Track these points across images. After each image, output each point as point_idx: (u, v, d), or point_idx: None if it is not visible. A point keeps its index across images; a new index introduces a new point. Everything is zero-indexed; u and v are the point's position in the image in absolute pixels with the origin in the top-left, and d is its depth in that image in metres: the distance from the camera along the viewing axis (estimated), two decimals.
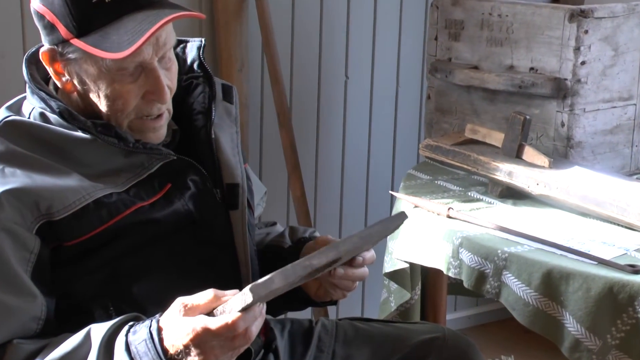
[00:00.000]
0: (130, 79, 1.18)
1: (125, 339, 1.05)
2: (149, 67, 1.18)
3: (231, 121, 1.36)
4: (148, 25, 1.13)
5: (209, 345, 1.01)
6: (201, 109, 1.31)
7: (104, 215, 1.16)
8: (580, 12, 1.74)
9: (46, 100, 1.19)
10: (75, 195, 1.14)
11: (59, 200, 1.13)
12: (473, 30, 1.94)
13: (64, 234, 1.14)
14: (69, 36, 1.15)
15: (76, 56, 1.16)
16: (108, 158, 1.19)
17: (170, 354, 1.03)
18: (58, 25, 1.15)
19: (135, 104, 1.20)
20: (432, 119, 2.07)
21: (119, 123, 1.20)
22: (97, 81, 1.17)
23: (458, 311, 2.71)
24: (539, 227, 1.55)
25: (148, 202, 1.19)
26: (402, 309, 1.85)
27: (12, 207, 1.11)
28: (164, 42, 1.19)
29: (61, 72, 1.19)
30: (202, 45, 1.33)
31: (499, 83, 1.86)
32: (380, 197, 2.46)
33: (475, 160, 1.75)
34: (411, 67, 2.44)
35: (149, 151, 1.21)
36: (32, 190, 1.12)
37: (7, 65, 1.89)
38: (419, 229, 1.65)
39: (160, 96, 1.19)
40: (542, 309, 1.41)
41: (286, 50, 2.23)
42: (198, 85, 1.33)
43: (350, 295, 2.16)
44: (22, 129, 1.18)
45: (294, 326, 1.46)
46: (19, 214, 1.11)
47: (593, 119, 1.82)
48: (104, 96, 1.18)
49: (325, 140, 2.36)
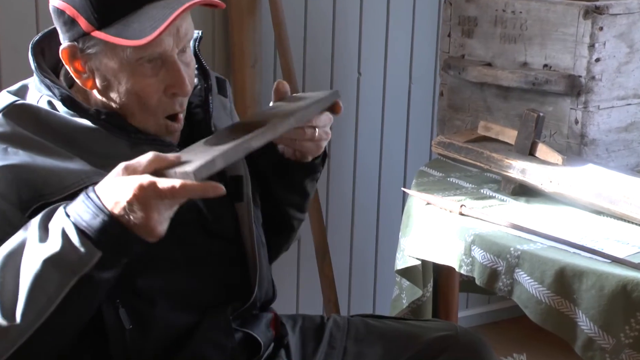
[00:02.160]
0: (150, 72, 1.17)
1: (63, 211, 1.05)
2: (170, 60, 1.18)
3: (226, 114, 1.36)
4: (170, 11, 1.13)
5: (154, 203, 1.00)
6: (198, 102, 1.31)
7: None
8: (595, 8, 1.73)
9: (50, 87, 1.19)
10: (74, 177, 1.13)
11: (57, 182, 1.12)
12: (486, 26, 1.94)
13: None
14: (90, 29, 1.15)
15: (97, 50, 1.16)
16: (112, 147, 1.19)
17: (112, 211, 1.02)
18: (79, 19, 1.15)
19: (159, 99, 1.19)
20: (445, 116, 2.06)
21: (145, 121, 1.20)
22: (117, 75, 1.17)
23: (470, 309, 2.70)
24: (552, 225, 1.54)
25: None
26: (414, 306, 1.84)
27: (8, 182, 1.11)
28: (184, 33, 1.18)
29: (81, 69, 1.19)
30: (198, 37, 1.32)
31: (513, 80, 1.85)
32: (393, 193, 2.45)
33: (488, 158, 1.74)
34: (424, 64, 2.44)
35: (151, 142, 1.21)
36: (31, 169, 1.12)
37: (21, 60, 1.90)
38: (431, 226, 1.64)
39: (181, 88, 1.19)
40: (554, 307, 1.40)
41: (299, 47, 2.23)
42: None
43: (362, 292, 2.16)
44: (30, 113, 1.18)
45: (306, 322, 1.46)
46: (14, 191, 1.11)
47: (607, 117, 1.81)
48: (125, 90, 1.18)
49: (338, 137, 2.36)
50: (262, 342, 1.29)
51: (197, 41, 1.31)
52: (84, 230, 1.03)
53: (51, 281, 1.04)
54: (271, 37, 2.15)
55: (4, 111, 1.17)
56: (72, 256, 1.03)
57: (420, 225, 1.68)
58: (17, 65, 1.89)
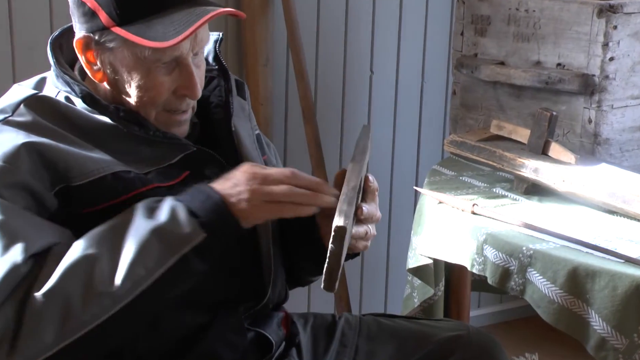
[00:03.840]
0: (164, 71, 1.19)
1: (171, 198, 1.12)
2: (184, 63, 1.19)
3: (245, 117, 1.37)
4: (195, 17, 1.14)
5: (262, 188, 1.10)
6: (219, 102, 1.31)
7: (119, 189, 1.16)
8: (609, 7, 1.72)
9: (70, 84, 1.20)
10: (95, 165, 1.15)
11: (78, 167, 1.14)
12: (500, 25, 1.93)
13: (80, 201, 1.14)
14: (111, 24, 1.16)
15: (114, 45, 1.17)
16: (131, 145, 1.20)
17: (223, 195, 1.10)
18: (99, 13, 1.16)
19: (167, 98, 1.21)
20: (458, 115, 2.06)
21: (147, 114, 1.21)
22: (131, 71, 1.18)
23: (482, 308, 2.70)
24: (565, 224, 1.54)
25: (166, 184, 1.21)
26: (426, 305, 1.84)
27: (32, 161, 1.12)
28: (200, 39, 1.20)
29: (93, 60, 1.20)
30: (219, 39, 1.33)
31: (526, 79, 1.85)
32: (405, 192, 2.45)
33: (501, 157, 1.73)
34: (437, 63, 2.43)
35: (169, 141, 1.22)
36: (53, 151, 1.13)
37: (36, 57, 1.91)
38: (443, 225, 1.64)
39: (192, 91, 1.21)
40: (567, 306, 1.40)
41: (311, 45, 2.23)
42: (213, 79, 1.33)
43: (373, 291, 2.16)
44: (51, 105, 1.19)
45: (317, 321, 1.46)
46: (37, 169, 1.12)
47: (621, 116, 1.80)
48: (136, 86, 1.19)
49: (350, 135, 2.36)
50: (273, 341, 1.29)
51: (219, 43, 1.32)
52: (194, 210, 1.09)
53: (152, 254, 1.07)
54: (283, 36, 2.15)
55: (25, 101, 1.18)
56: (177, 231, 1.08)
57: (432, 224, 1.68)
58: (30, 62, 1.91)
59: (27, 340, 1.03)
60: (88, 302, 1.05)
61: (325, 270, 1.06)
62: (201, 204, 1.10)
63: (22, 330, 1.03)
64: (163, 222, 1.08)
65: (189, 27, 1.13)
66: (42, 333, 1.03)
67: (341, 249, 1.05)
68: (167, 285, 1.09)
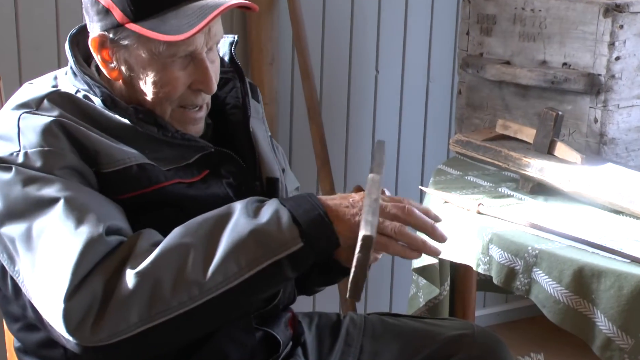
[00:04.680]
0: (179, 66, 1.19)
1: (277, 200, 1.12)
2: (198, 57, 1.20)
3: (259, 119, 1.38)
4: (209, 10, 1.15)
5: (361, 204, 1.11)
6: (236, 103, 1.32)
7: (144, 180, 1.17)
8: (615, 6, 1.72)
9: (90, 85, 1.21)
10: (122, 155, 1.16)
11: (106, 155, 1.15)
12: (505, 25, 1.93)
13: (106, 188, 1.15)
14: (125, 20, 1.16)
15: (128, 42, 1.18)
16: (148, 145, 1.20)
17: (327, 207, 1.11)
18: (113, 10, 1.17)
19: (182, 93, 1.21)
20: (463, 114, 2.05)
21: (163, 110, 1.22)
22: (146, 67, 1.19)
23: (487, 308, 2.70)
24: (571, 224, 1.54)
25: (187, 180, 1.21)
26: (431, 304, 1.84)
27: (66, 138, 1.13)
28: (214, 33, 1.21)
29: (109, 59, 1.21)
30: (234, 41, 1.34)
31: (531, 78, 1.84)
32: (410, 192, 2.45)
33: (506, 156, 1.73)
34: (442, 62, 2.43)
35: (187, 142, 1.23)
36: (84, 135, 1.14)
37: (42, 57, 1.92)
38: (448, 225, 1.64)
39: (207, 86, 1.21)
40: (573, 306, 1.39)
41: (317, 44, 2.24)
42: (228, 81, 1.34)
43: (378, 290, 2.17)
44: (73, 102, 1.20)
45: (322, 320, 1.47)
46: (73, 147, 1.13)
47: (627, 115, 1.79)
48: (151, 82, 1.20)
49: (355, 135, 2.36)
50: (281, 340, 1.30)
51: (234, 45, 1.33)
52: (297, 217, 1.09)
53: (248, 253, 1.07)
54: (289, 35, 2.15)
55: (48, 97, 1.19)
56: (276, 235, 1.08)
57: (438, 224, 1.67)
58: (36, 62, 1.91)
59: (113, 317, 1.03)
60: (178, 288, 1.05)
61: (351, 280, 1.06)
62: (305, 213, 1.10)
63: (110, 306, 1.04)
64: (263, 223, 1.09)
65: (202, 20, 1.14)
66: (128, 312, 1.04)
67: (367, 258, 1.05)
68: (255, 286, 1.09)
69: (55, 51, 1.91)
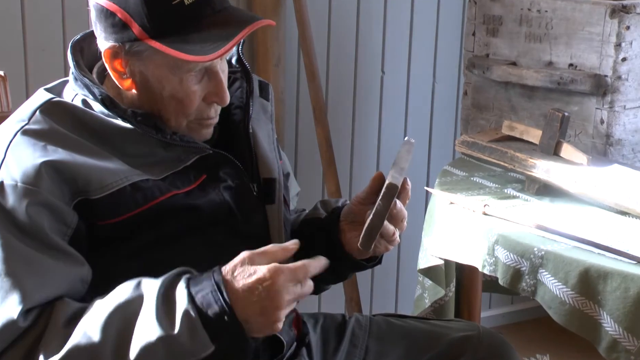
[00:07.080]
0: (195, 80, 1.19)
1: (187, 291, 1.05)
2: (213, 70, 1.20)
3: (267, 118, 1.37)
4: (233, 30, 1.14)
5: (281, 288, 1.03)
6: (239, 103, 1.32)
7: (139, 199, 1.16)
8: (621, 7, 1.72)
9: (89, 87, 1.20)
10: (113, 177, 1.15)
11: (97, 180, 1.14)
12: (512, 25, 1.93)
13: (100, 213, 1.14)
14: (144, 36, 1.15)
15: (145, 55, 1.17)
16: (146, 148, 1.20)
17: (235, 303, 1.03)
18: (132, 25, 1.15)
19: (197, 106, 1.21)
20: (469, 115, 2.05)
21: (179, 123, 1.22)
22: (162, 81, 1.18)
23: (493, 309, 2.69)
24: (577, 225, 1.53)
25: (183, 190, 1.21)
26: (437, 305, 1.84)
27: (52, 179, 1.11)
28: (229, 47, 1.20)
29: (122, 70, 1.20)
30: (241, 41, 1.34)
31: (538, 79, 1.84)
32: (416, 193, 2.43)
33: (512, 157, 1.73)
34: (448, 63, 2.43)
35: (185, 144, 1.22)
36: (72, 166, 1.13)
37: (48, 58, 1.92)
38: (454, 226, 1.64)
39: (222, 98, 1.22)
40: (579, 308, 1.39)
41: (323, 46, 2.24)
42: (236, 80, 1.34)
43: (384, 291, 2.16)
44: (66, 110, 1.19)
45: (327, 321, 1.47)
46: (57, 187, 1.12)
47: (634, 117, 1.79)
48: (168, 96, 1.19)
49: (361, 135, 2.36)
50: (285, 341, 1.30)
51: (241, 45, 1.33)
52: (206, 323, 1.03)
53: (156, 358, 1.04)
54: (295, 36, 2.15)
55: (40, 108, 1.18)
56: (186, 344, 1.03)
57: (443, 225, 1.67)
58: (42, 63, 1.92)
59: None
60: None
61: (366, 227, 1.04)
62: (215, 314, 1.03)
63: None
64: (174, 331, 1.03)
65: (226, 40, 1.13)
66: None
67: (387, 208, 1.04)
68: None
69: (61, 52, 1.92)
